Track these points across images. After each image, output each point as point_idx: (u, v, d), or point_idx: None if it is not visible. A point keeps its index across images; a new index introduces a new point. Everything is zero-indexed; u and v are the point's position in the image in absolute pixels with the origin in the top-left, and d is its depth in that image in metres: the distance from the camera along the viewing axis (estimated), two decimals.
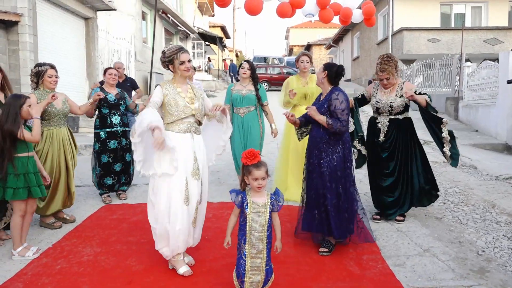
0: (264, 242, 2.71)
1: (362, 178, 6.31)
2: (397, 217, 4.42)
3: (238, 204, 2.75)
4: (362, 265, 3.41)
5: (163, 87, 3.30)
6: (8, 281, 3.12)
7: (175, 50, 3.26)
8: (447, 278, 3.21)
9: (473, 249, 3.76)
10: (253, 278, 2.69)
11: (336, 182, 3.59)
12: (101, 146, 4.99)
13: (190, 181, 3.20)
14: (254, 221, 2.70)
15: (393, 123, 4.38)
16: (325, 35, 43.73)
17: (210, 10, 34.21)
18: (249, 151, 2.72)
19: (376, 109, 4.47)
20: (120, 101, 5.10)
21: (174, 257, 3.23)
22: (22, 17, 8.98)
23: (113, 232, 4.12)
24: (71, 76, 11.02)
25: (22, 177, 3.46)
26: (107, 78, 5.12)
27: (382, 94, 4.44)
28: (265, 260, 2.71)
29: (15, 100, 3.49)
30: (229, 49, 44.02)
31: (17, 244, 3.51)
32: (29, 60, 9.11)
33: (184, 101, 3.25)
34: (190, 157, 3.22)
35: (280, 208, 2.78)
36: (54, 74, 4.26)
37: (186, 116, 3.24)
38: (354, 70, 25.55)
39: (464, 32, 13.95)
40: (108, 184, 5.08)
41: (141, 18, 17.28)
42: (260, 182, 2.68)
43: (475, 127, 10.50)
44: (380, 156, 4.43)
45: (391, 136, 4.38)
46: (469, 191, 5.61)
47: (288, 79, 5.40)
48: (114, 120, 5.02)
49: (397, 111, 4.35)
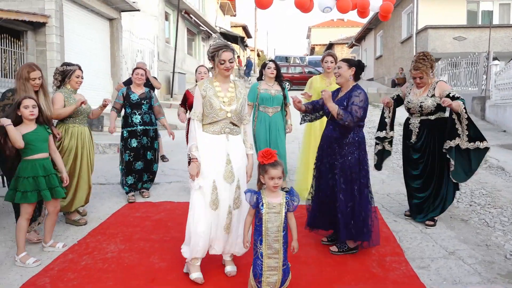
0: (281, 242, 2.70)
1: (385, 179, 6.23)
2: (427, 221, 4.28)
3: (253, 205, 2.75)
4: (385, 267, 3.36)
5: (201, 87, 3.15)
6: (35, 276, 3.20)
7: (218, 47, 3.09)
8: (474, 282, 3.13)
9: (501, 253, 3.65)
10: (270, 278, 2.69)
11: (351, 184, 3.54)
12: (124, 144, 5.09)
13: (220, 184, 3.07)
14: (270, 221, 2.69)
15: (424, 124, 4.26)
16: (347, 34, 43.35)
17: (232, 10, 34.37)
18: (266, 150, 2.73)
19: (408, 109, 4.39)
20: (143, 100, 5.14)
21: (191, 261, 3.13)
22: (49, 18, 9.21)
23: (137, 229, 4.18)
24: (96, 76, 11.25)
25: (31, 180, 3.40)
26: (134, 77, 5.23)
27: (413, 94, 4.33)
28: (282, 260, 2.71)
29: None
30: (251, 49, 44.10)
31: (21, 249, 3.43)
32: (56, 60, 9.34)
33: (219, 103, 3.09)
34: (222, 159, 3.09)
35: (296, 208, 2.75)
36: (81, 75, 4.38)
37: (221, 119, 3.11)
38: (377, 69, 25.22)
39: (492, 30, 13.62)
40: (130, 183, 5.14)
41: (164, 18, 17.49)
42: (276, 182, 2.68)
43: (503, 127, 10.22)
44: (412, 157, 4.37)
45: (422, 137, 4.28)
46: (496, 193, 5.47)
47: (312, 79, 5.37)
48: (135, 119, 5.08)
49: (428, 111, 4.20)
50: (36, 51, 9.40)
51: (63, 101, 4.22)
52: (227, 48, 3.10)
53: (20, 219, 3.46)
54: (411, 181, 4.41)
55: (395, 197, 5.29)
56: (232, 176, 3.11)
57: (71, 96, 4.29)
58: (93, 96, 9.51)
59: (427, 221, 4.29)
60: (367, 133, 10.50)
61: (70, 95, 4.30)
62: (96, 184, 5.75)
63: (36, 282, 3.11)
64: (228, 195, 3.10)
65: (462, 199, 5.12)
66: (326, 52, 5.36)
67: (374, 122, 11.97)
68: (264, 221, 2.69)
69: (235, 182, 3.14)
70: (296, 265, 3.35)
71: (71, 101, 4.25)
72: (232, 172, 3.12)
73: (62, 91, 4.30)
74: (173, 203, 4.98)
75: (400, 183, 5.93)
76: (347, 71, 3.62)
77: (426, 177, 4.30)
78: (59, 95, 4.24)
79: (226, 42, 3.21)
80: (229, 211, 3.11)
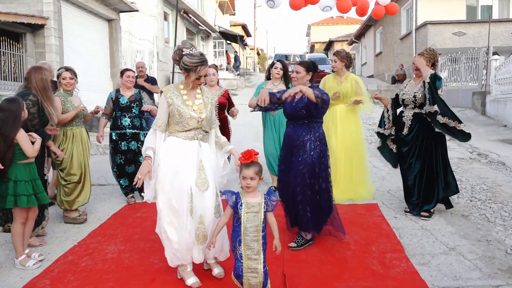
0: (260, 242, 2.68)
1: (386, 176, 6.22)
2: (422, 212, 4.36)
3: (232, 205, 2.74)
4: (385, 264, 3.35)
5: (167, 94, 3.01)
6: (36, 278, 3.20)
7: (197, 63, 2.92)
8: (474, 278, 3.12)
9: (502, 248, 3.64)
10: (251, 280, 2.67)
11: (315, 179, 3.63)
12: (113, 146, 5.01)
13: (195, 191, 2.92)
14: (248, 221, 2.68)
15: (417, 117, 4.36)
16: (347, 31, 43.23)
17: (231, 9, 34.33)
18: (247, 151, 2.74)
19: (402, 101, 4.49)
20: (132, 103, 5.00)
21: (181, 268, 3.08)
22: (48, 20, 9.22)
23: (137, 230, 4.18)
24: (95, 77, 11.25)
25: (26, 183, 3.37)
26: (124, 80, 5.05)
27: (410, 86, 4.48)
28: (263, 262, 2.68)
29: (13, 104, 3.38)
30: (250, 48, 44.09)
31: (19, 252, 3.41)
32: (55, 62, 9.34)
33: (189, 111, 2.98)
34: (195, 166, 2.96)
35: (275, 207, 2.75)
36: (68, 76, 4.35)
37: (191, 128, 3.00)
38: (377, 66, 25.19)
39: (491, 25, 13.58)
40: (125, 185, 5.10)
41: (163, 18, 17.47)
42: (248, 182, 2.68)
43: (503, 122, 10.19)
44: (401, 151, 4.49)
45: (413, 130, 4.38)
46: (497, 188, 5.45)
47: (325, 78, 5.35)
48: (124, 122, 4.95)
49: (421, 101, 4.31)
50: (35, 53, 9.41)
51: (60, 104, 4.28)
52: (205, 63, 2.97)
53: (15, 224, 3.41)
54: (405, 176, 4.52)
55: (395, 194, 5.28)
56: (206, 184, 2.96)
57: (67, 99, 4.36)
58: (93, 97, 9.53)
59: (422, 212, 4.36)
60: (367, 129, 10.50)
61: (66, 97, 4.37)
62: (96, 185, 5.76)
63: (36, 284, 3.11)
64: (201, 203, 2.94)
65: (462, 195, 5.10)
66: (335, 51, 5.35)
67: (374, 119, 11.95)
68: (242, 221, 2.68)
69: (210, 190, 2.99)
70: (296, 263, 3.35)
71: (68, 104, 4.32)
72: (206, 179, 2.98)
73: (59, 94, 4.36)
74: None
75: (399, 180, 5.89)
76: (305, 76, 3.70)
77: (418, 170, 4.38)
78: (57, 99, 4.25)
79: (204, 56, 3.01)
80: (200, 221, 2.94)
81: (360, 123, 5.26)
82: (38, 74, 3.87)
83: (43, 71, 3.92)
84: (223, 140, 3.29)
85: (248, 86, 24.01)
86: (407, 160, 4.45)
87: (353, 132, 5.10)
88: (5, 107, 3.36)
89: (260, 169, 2.74)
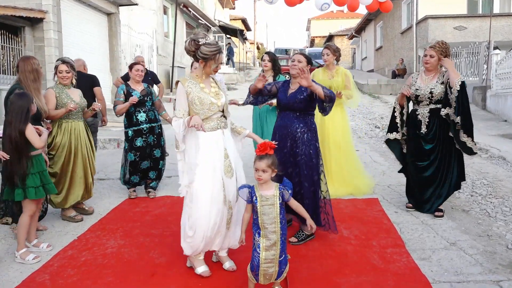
0: (278, 234, 2.70)
1: (386, 170, 6.21)
2: (436, 212, 4.26)
3: (247, 200, 2.77)
4: (386, 259, 3.34)
5: (185, 84, 3.07)
6: (35, 272, 3.19)
7: (215, 51, 3.01)
8: (475, 273, 3.11)
9: (502, 243, 3.63)
10: (267, 270, 2.69)
11: (312, 170, 3.65)
12: (128, 144, 4.94)
13: (225, 179, 3.05)
14: (265, 214, 2.70)
15: (434, 114, 4.20)
16: (347, 26, 43.10)
17: (230, 3, 34.18)
18: (263, 143, 2.76)
19: (416, 98, 4.28)
20: (146, 97, 4.96)
21: (195, 256, 3.13)
22: (46, 14, 9.16)
23: (136, 224, 4.17)
24: (94, 71, 11.11)
25: (34, 176, 3.43)
26: (134, 74, 4.97)
27: (421, 81, 4.28)
28: (279, 251, 2.70)
29: (23, 98, 3.42)
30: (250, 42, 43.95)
31: (21, 245, 3.43)
32: (54, 56, 9.31)
33: (209, 97, 3.06)
34: (221, 155, 3.06)
35: (291, 196, 2.79)
36: (64, 69, 4.21)
37: (213, 113, 3.08)
38: (377, 60, 25.11)
39: (493, 19, 13.51)
40: (134, 182, 5.08)
41: (162, 12, 17.38)
42: (260, 174, 2.71)
43: (504, 117, 10.17)
44: (423, 148, 4.29)
45: (433, 127, 4.22)
46: (497, 183, 5.44)
47: (314, 71, 5.32)
48: (140, 118, 4.90)
49: (438, 98, 4.16)
50: (34, 47, 9.36)
51: (54, 98, 4.15)
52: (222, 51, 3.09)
53: (24, 215, 3.45)
54: (419, 173, 4.34)
55: (396, 189, 5.27)
56: (231, 171, 3.09)
57: (63, 91, 4.22)
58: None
59: (436, 212, 4.26)
60: (366, 124, 10.47)
61: (63, 90, 4.23)
62: (96, 179, 5.73)
63: (36, 278, 3.10)
64: (230, 190, 3.08)
65: (463, 190, 5.09)
66: (325, 44, 5.33)
67: (375, 114, 11.93)
68: (259, 214, 2.70)
69: (234, 177, 3.12)
70: (296, 257, 3.34)
71: (64, 97, 4.19)
72: (231, 166, 3.10)
73: (55, 86, 4.26)
74: (173, 198, 4.95)
75: (400, 175, 5.89)
76: (306, 67, 3.70)
77: (436, 167, 4.26)
78: (50, 92, 4.17)
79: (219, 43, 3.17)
80: (229, 206, 3.09)
81: (346, 116, 5.29)
82: (27, 65, 3.84)
83: (31, 61, 3.88)
84: (239, 126, 3.37)
85: (248, 80, 23.97)
86: (429, 157, 4.28)
87: (340, 125, 5.11)
88: (15, 101, 3.40)
89: (274, 161, 2.75)
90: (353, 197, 4.92)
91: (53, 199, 4.20)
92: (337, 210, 4.23)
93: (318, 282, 3.01)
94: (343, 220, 4.16)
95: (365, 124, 10.52)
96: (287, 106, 3.72)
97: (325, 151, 4.95)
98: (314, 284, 2.99)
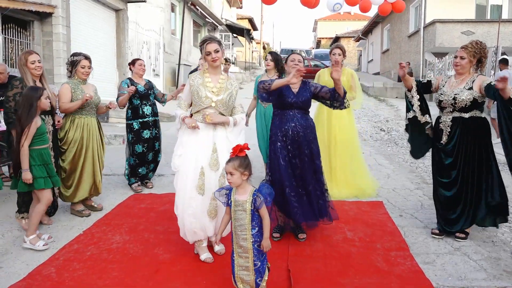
0: (250, 241, 2.56)
1: (391, 174, 6.20)
2: (457, 233, 3.79)
3: (224, 203, 2.69)
4: (390, 261, 3.35)
5: (191, 78, 3.36)
6: (41, 265, 3.22)
7: (202, 41, 3.29)
8: (479, 278, 3.11)
9: (507, 249, 3.63)
10: (244, 278, 2.61)
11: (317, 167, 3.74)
12: (134, 136, 5.03)
13: (207, 171, 3.21)
14: (237, 219, 2.58)
15: (457, 122, 3.72)
16: (354, 27, 43.03)
17: (238, 2, 34.19)
18: (237, 145, 2.66)
19: (439, 103, 3.82)
20: (149, 91, 5.16)
21: (197, 243, 3.33)
22: (56, 8, 9.20)
23: (141, 220, 4.20)
24: (101, 67, 11.23)
25: (40, 167, 3.51)
26: (137, 69, 5.17)
27: (448, 86, 3.81)
28: (253, 260, 2.57)
29: (32, 92, 3.49)
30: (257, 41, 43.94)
31: (31, 231, 3.52)
32: (62, 51, 9.35)
33: (205, 91, 3.25)
34: (208, 147, 3.24)
35: (262, 205, 2.57)
36: (87, 65, 4.25)
37: (206, 107, 3.26)
38: (384, 63, 25.05)
39: (501, 24, 13.43)
40: (142, 174, 5.19)
41: (170, 10, 17.41)
42: (228, 177, 2.62)
43: None
44: (443, 163, 3.80)
45: (454, 137, 3.73)
46: None
47: (319, 72, 5.33)
48: (146, 111, 5.08)
49: (462, 105, 3.66)
50: (42, 42, 9.40)
51: (70, 93, 4.16)
52: (211, 40, 3.26)
53: (41, 205, 3.56)
54: (443, 191, 3.83)
55: (400, 192, 5.27)
56: (217, 164, 3.23)
57: (78, 87, 4.23)
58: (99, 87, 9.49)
59: (457, 233, 3.78)
60: (372, 127, 10.46)
61: (78, 86, 4.23)
62: None
63: (42, 271, 3.13)
64: (213, 183, 3.20)
65: None
66: (335, 44, 5.32)
67: (380, 117, 11.92)
68: (232, 218, 2.62)
69: (220, 171, 3.23)
70: (300, 258, 3.35)
71: (78, 92, 4.18)
72: (218, 160, 3.23)
73: (70, 82, 4.25)
74: None
75: (405, 178, 5.91)
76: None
77: (460, 186, 3.74)
78: (66, 87, 4.18)
79: (211, 35, 3.43)
80: (212, 197, 3.17)
81: (353, 117, 5.27)
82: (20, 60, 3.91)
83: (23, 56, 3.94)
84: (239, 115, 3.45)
85: (253, 80, 23.96)
86: (449, 173, 3.77)
87: (347, 126, 5.10)
88: (23, 95, 3.52)
89: (242, 163, 2.59)
90: (358, 199, 4.92)
91: (63, 192, 4.25)
92: (341, 211, 4.22)
93: (322, 283, 3.02)
94: (347, 221, 4.17)
95: (371, 127, 10.51)
96: (295, 105, 3.66)
97: (331, 150, 4.96)
98: (318, 284, 3.00)
